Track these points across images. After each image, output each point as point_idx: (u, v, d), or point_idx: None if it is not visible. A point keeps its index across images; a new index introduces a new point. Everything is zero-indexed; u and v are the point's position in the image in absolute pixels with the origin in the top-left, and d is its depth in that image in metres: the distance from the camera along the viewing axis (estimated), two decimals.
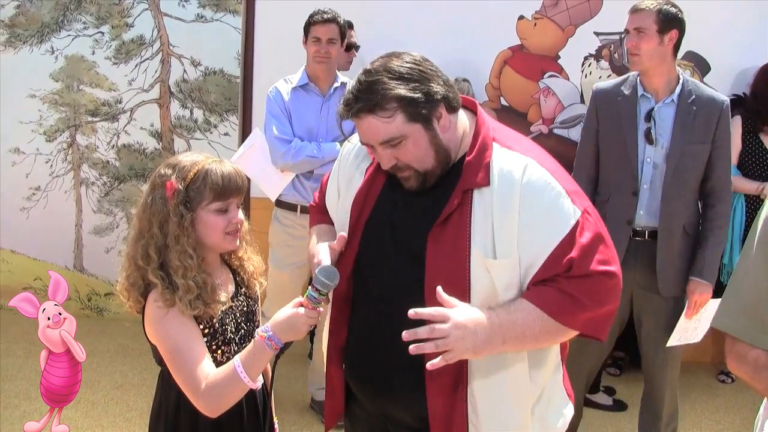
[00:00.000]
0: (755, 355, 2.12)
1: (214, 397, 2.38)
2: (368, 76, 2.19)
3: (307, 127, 4.76)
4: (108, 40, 6.14)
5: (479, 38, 5.73)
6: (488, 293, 2.23)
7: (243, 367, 2.36)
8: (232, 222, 2.50)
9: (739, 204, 5.57)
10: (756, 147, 5.51)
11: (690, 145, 3.92)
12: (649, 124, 3.97)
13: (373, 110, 2.19)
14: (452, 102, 2.26)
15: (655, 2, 3.96)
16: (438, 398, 2.34)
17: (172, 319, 2.42)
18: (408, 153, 2.24)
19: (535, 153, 2.33)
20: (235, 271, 2.69)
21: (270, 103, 4.76)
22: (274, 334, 2.35)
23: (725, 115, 3.97)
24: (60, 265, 6.42)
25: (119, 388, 5.29)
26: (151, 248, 2.43)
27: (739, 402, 5.46)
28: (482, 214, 2.22)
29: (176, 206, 2.41)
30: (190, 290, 2.40)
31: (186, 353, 2.41)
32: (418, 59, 2.23)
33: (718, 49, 5.76)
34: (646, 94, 4.01)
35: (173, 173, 2.46)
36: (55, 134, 6.30)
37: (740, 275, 2.17)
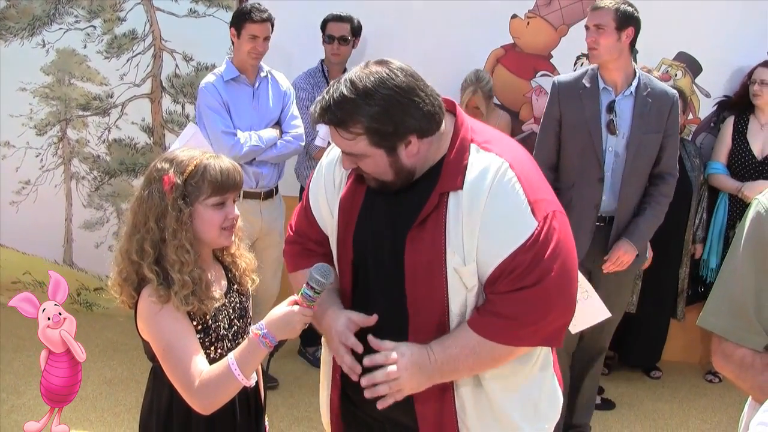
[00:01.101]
0: (741, 354, 2.14)
1: (207, 394, 2.38)
2: (350, 90, 2.16)
3: (243, 117, 4.97)
4: (100, 34, 6.11)
5: (472, 36, 5.73)
6: (464, 295, 2.27)
7: (237, 364, 2.36)
8: (229, 217, 2.51)
9: (722, 203, 5.63)
10: (742, 148, 5.55)
11: (647, 134, 4.27)
12: (611, 116, 4.27)
13: (338, 127, 2.20)
14: (426, 131, 2.24)
15: (613, 1, 4.25)
16: (427, 404, 2.35)
17: (166, 316, 2.41)
18: (367, 167, 2.27)
19: (513, 154, 2.31)
20: (227, 267, 2.68)
21: (207, 97, 4.90)
22: (269, 331, 2.35)
23: (676, 106, 4.34)
24: (49, 259, 6.41)
25: (108, 383, 5.28)
26: (147, 243, 2.43)
27: (726, 401, 5.48)
28: (455, 216, 2.24)
29: (174, 200, 2.41)
30: (186, 285, 2.40)
31: (179, 350, 2.41)
32: (402, 86, 2.18)
33: (710, 50, 5.77)
34: (606, 87, 4.31)
35: (171, 167, 2.45)
36: (46, 128, 6.28)
37: (727, 275, 2.19)
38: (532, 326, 2.26)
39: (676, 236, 5.58)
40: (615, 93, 4.30)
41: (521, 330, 2.26)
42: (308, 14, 5.68)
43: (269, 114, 5.06)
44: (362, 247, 2.41)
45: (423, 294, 2.27)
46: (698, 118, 5.89)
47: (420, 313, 2.28)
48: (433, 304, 2.27)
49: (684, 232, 5.60)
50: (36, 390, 5.16)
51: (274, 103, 5.10)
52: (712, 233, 5.69)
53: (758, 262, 2.08)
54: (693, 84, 5.82)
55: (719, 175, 5.63)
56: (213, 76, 4.97)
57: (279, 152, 5.00)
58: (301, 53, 5.81)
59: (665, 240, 5.40)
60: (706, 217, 5.70)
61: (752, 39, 5.67)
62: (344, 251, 2.45)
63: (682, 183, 5.48)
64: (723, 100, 5.83)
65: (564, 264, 2.26)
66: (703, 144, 5.90)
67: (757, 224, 2.10)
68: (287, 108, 5.14)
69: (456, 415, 2.37)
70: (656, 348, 5.89)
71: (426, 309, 2.28)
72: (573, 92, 4.34)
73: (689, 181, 5.52)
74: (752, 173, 5.50)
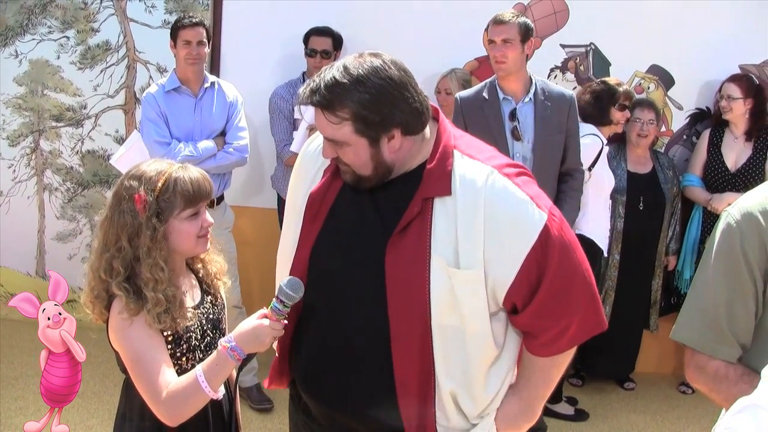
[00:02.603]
0: (715, 367, 2.14)
1: (174, 406, 2.37)
2: (342, 75, 2.16)
3: (183, 127, 5.02)
4: (73, 44, 6.08)
5: (446, 49, 5.74)
6: (448, 302, 2.22)
7: (205, 376, 2.35)
8: (204, 226, 2.50)
9: (696, 215, 5.69)
10: (716, 161, 5.61)
11: (551, 136, 4.46)
12: (515, 123, 4.45)
13: (325, 110, 2.18)
14: (411, 129, 2.23)
15: (513, 15, 4.43)
16: (410, 408, 2.33)
17: (136, 329, 2.40)
18: (347, 157, 2.24)
19: (497, 161, 2.31)
20: (198, 275, 2.67)
21: (146, 107, 5.00)
22: (237, 344, 2.34)
23: (573, 107, 4.57)
24: (22, 271, 6.36)
25: (80, 395, 5.17)
26: (117, 261, 2.41)
27: (699, 413, 5.51)
28: (445, 223, 2.21)
29: (148, 219, 2.39)
30: (159, 304, 2.38)
31: (148, 362, 2.39)
32: (395, 78, 2.17)
33: (682, 63, 5.83)
34: (506, 97, 4.48)
35: (140, 185, 2.42)
36: (19, 139, 6.23)
37: (698, 287, 2.20)
38: (584, 315, 2.30)
39: (649, 248, 5.63)
40: (515, 101, 4.47)
41: (578, 324, 2.31)
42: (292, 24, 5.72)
43: (212, 124, 5.09)
44: (328, 247, 2.38)
45: (404, 300, 2.23)
46: (671, 131, 5.94)
47: (401, 320, 2.25)
48: (414, 310, 2.23)
49: (657, 243, 5.64)
50: (35, 391, 5.13)
51: (217, 113, 5.12)
52: (686, 245, 5.74)
53: (729, 274, 2.09)
54: (666, 97, 5.87)
55: (693, 187, 5.68)
56: (155, 86, 5.07)
57: (218, 163, 5.02)
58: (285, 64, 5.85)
59: (638, 251, 5.46)
60: (679, 230, 5.75)
61: (724, 52, 5.73)
62: (304, 247, 2.42)
63: (656, 195, 5.54)
64: (695, 112, 5.89)
65: (578, 243, 2.31)
66: (676, 156, 5.94)
67: (727, 236, 2.11)
68: (233, 119, 5.17)
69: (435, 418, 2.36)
70: (629, 360, 5.92)
71: (407, 316, 2.24)
72: (474, 105, 4.48)
73: (662, 192, 5.56)
74: (725, 185, 5.56)
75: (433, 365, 2.27)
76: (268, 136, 5.60)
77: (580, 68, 5.87)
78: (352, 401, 2.35)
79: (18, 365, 5.60)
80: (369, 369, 2.31)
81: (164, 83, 5.05)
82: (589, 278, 2.31)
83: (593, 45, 5.84)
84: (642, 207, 5.51)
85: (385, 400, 2.30)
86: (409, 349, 2.25)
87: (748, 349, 2.14)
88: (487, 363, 2.33)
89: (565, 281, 2.24)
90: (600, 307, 2.35)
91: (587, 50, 5.84)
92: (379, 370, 2.28)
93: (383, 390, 2.30)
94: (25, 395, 5.18)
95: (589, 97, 5.14)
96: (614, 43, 5.83)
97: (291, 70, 5.69)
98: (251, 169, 5.83)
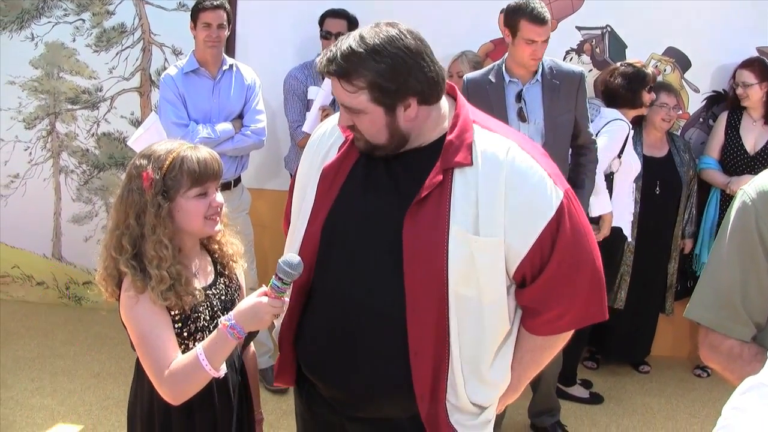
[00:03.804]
0: (729, 345, 2.14)
1: (175, 384, 2.39)
2: (358, 44, 2.17)
3: (201, 110, 5.03)
4: (89, 27, 6.09)
5: (461, 31, 5.73)
6: (466, 271, 2.23)
7: (205, 354, 2.37)
8: (212, 206, 2.51)
9: (714, 198, 5.66)
10: (735, 143, 5.57)
11: (560, 116, 4.42)
12: (521, 104, 4.40)
13: (342, 79, 2.19)
14: (427, 97, 2.24)
15: (546, 11, 4.33)
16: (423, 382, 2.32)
17: (143, 307, 2.42)
18: (363, 125, 2.25)
19: (516, 136, 2.34)
20: (214, 256, 2.68)
21: (164, 89, 5.01)
22: (237, 323, 2.35)
23: (583, 84, 4.50)
24: (38, 253, 6.39)
25: (96, 376, 5.27)
26: (125, 239, 2.43)
27: (714, 396, 5.50)
28: (464, 192, 2.22)
29: (153, 196, 2.42)
30: (164, 281, 2.40)
31: (152, 340, 2.42)
32: (411, 47, 2.18)
33: (699, 45, 5.79)
34: (513, 79, 4.43)
35: (149, 163, 2.45)
36: (35, 122, 6.25)
37: (713, 266, 2.20)
38: (586, 299, 2.34)
39: (666, 231, 5.61)
40: (522, 83, 4.43)
41: (580, 308, 2.35)
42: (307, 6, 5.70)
43: (230, 106, 5.11)
44: (341, 219, 2.37)
45: (421, 270, 2.24)
46: (687, 113, 5.91)
47: (418, 291, 2.25)
48: (431, 280, 2.24)
49: (673, 227, 5.62)
50: (51, 371, 5.19)
51: (235, 96, 5.13)
52: (704, 228, 5.71)
53: (744, 253, 2.09)
54: (682, 79, 5.84)
55: (711, 170, 5.65)
56: (174, 68, 5.08)
57: (235, 145, 5.04)
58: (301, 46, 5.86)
59: (654, 235, 5.45)
60: (695, 213, 5.73)
61: (741, 35, 5.69)
62: (316, 220, 2.41)
63: (672, 179, 5.51)
64: (712, 95, 5.85)
65: (590, 228, 2.36)
66: (692, 139, 5.92)
67: (742, 214, 2.10)
68: (250, 101, 5.18)
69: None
70: (644, 344, 5.91)
71: (424, 286, 2.24)
72: (481, 88, 4.45)
73: (678, 176, 5.53)
74: (744, 168, 5.52)
75: (448, 337, 2.27)
76: (284, 119, 5.59)
77: (596, 51, 5.84)
78: (363, 377, 2.35)
79: (34, 347, 5.64)
80: (382, 343, 2.31)
81: (183, 65, 5.05)
82: (597, 265, 2.34)
83: (609, 27, 5.80)
84: (658, 191, 5.47)
85: (398, 374, 2.30)
86: (425, 320, 2.26)
87: (762, 328, 2.13)
88: (498, 338, 2.34)
89: (574, 259, 2.27)
90: (604, 297, 2.38)
91: (603, 32, 5.81)
92: (393, 343, 2.29)
93: (397, 364, 2.30)
94: (41, 376, 5.22)
95: (621, 80, 5.08)
96: (630, 26, 5.79)
97: (307, 53, 5.68)
98: (268, 152, 5.83)
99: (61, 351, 5.60)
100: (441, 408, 2.34)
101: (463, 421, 2.37)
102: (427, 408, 2.33)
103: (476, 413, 2.39)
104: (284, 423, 4.81)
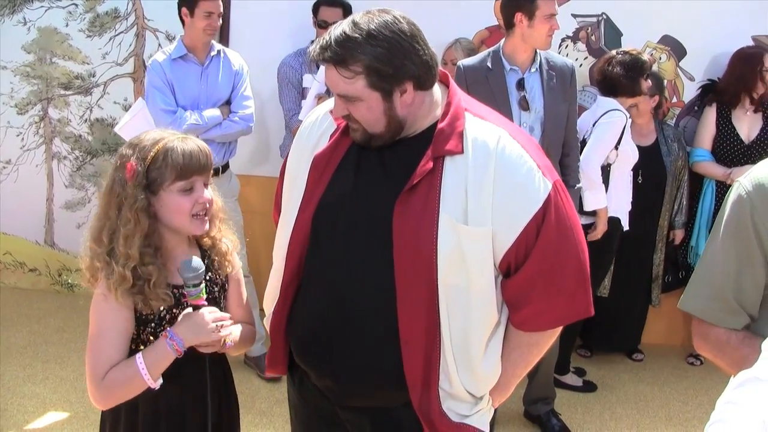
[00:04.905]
0: (716, 334, 2.17)
1: (110, 389, 2.35)
2: (352, 29, 2.16)
3: (188, 96, 5.02)
4: (82, 12, 6.05)
5: (457, 18, 5.71)
6: (455, 259, 2.22)
7: (145, 363, 2.34)
8: (199, 202, 2.43)
9: (709, 189, 5.64)
10: (729, 133, 5.56)
11: (557, 106, 4.44)
12: (524, 92, 4.39)
13: (338, 65, 2.17)
14: (423, 81, 2.23)
15: None
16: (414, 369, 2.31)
17: (109, 305, 2.36)
18: (360, 113, 2.23)
19: (507, 126, 2.33)
20: (206, 252, 2.60)
21: (152, 75, 4.98)
22: (176, 333, 2.34)
23: (574, 76, 4.55)
24: (30, 239, 6.37)
25: (76, 370, 5.25)
26: (104, 232, 2.37)
27: (707, 384, 5.52)
28: (454, 180, 2.21)
29: (134, 189, 2.34)
30: (125, 281, 2.32)
31: (102, 342, 2.37)
32: (406, 31, 2.18)
33: (694, 33, 5.77)
34: (513, 67, 4.41)
35: (134, 153, 2.38)
36: (27, 107, 6.22)
37: (707, 258, 2.21)
38: (571, 294, 2.33)
39: (649, 221, 5.56)
40: (522, 72, 4.41)
41: (564, 304, 2.34)
42: None
43: (218, 92, 5.09)
44: (332, 207, 2.35)
45: (411, 258, 2.23)
46: (682, 102, 5.90)
47: (408, 278, 2.24)
48: (420, 269, 2.23)
49: (658, 217, 5.60)
50: (43, 359, 5.17)
51: (223, 81, 5.11)
52: (700, 220, 5.69)
53: (738, 246, 2.09)
54: (677, 67, 5.83)
55: (705, 162, 5.63)
56: (162, 54, 5.04)
57: (223, 132, 5.03)
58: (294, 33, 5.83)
59: (638, 226, 5.35)
60: (686, 203, 5.70)
61: (737, 23, 5.67)
62: (307, 208, 2.39)
63: (656, 169, 5.48)
64: (707, 83, 5.83)
65: (579, 223, 2.34)
66: (687, 127, 5.91)
67: (738, 207, 2.09)
68: (238, 87, 5.16)
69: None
70: (632, 334, 5.90)
71: (414, 274, 2.24)
72: (479, 74, 4.43)
73: (663, 166, 5.50)
74: (741, 158, 5.51)
75: (439, 325, 2.26)
76: (275, 106, 5.59)
77: (591, 38, 5.83)
78: (353, 365, 2.34)
79: (26, 334, 5.63)
80: (374, 330, 2.30)
81: (171, 51, 5.02)
82: (583, 260, 2.32)
83: (605, 15, 5.79)
84: (641, 180, 5.42)
85: (388, 362, 2.30)
86: (415, 308, 2.25)
87: (756, 320, 2.14)
88: (486, 328, 2.33)
89: (558, 253, 2.26)
90: (589, 294, 2.36)
91: (599, 20, 5.80)
92: (384, 330, 2.28)
93: (387, 352, 2.29)
94: (33, 363, 5.21)
95: (620, 69, 5.03)
96: (626, 13, 5.78)
97: (299, 39, 5.65)
98: (258, 138, 5.83)
99: (53, 338, 5.59)
100: (433, 395, 2.33)
101: (456, 408, 2.37)
102: (419, 396, 2.32)
103: (470, 401, 2.38)
104: (277, 411, 4.81)
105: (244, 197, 5.51)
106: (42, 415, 4.63)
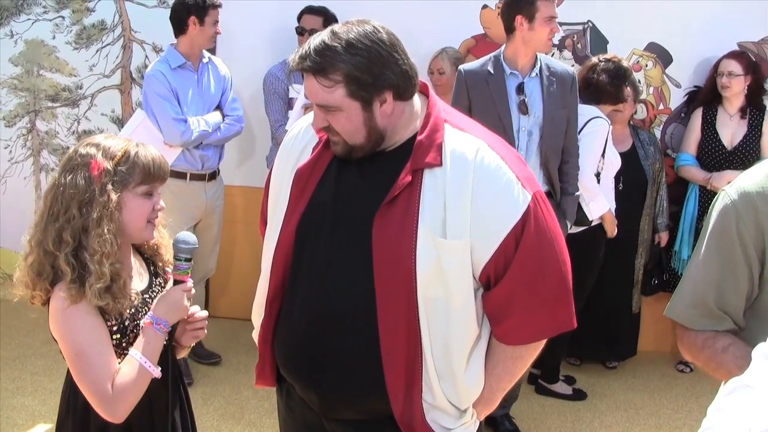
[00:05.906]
0: (693, 337, 2.19)
1: (123, 399, 2.31)
2: (331, 39, 2.16)
3: (190, 104, 5.11)
4: (69, 24, 6.06)
5: (442, 27, 5.72)
6: (434, 273, 2.22)
7: (147, 358, 2.35)
8: (156, 208, 2.43)
9: (692, 194, 5.65)
10: (712, 139, 5.58)
11: (557, 111, 4.47)
12: (523, 96, 4.43)
13: (317, 74, 2.17)
14: (402, 91, 2.23)
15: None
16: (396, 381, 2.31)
17: (79, 317, 2.30)
18: (339, 123, 2.23)
19: (487, 137, 2.32)
20: (148, 260, 2.58)
21: (156, 85, 5.00)
22: (159, 317, 2.36)
23: (575, 83, 4.61)
24: (18, 252, 6.32)
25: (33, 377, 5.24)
26: (66, 232, 2.29)
27: (697, 391, 5.52)
28: (433, 193, 2.21)
29: (103, 186, 2.30)
30: (103, 278, 2.27)
31: (93, 358, 2.30)
32: (385, 40, 2.18)
33: (680, 40, 5.79)
34: (513, 71, 4.45)
35: (98, 152, 2.34)
36: (15, 119, 6.22)
37: (692, 266, 2.23)
38: (552, 307, 2.31)
39: (630, 227, 5.50)
40: (522, 76, 4.45)
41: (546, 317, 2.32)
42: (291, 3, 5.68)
43: (211, 99, 5.21)
44: (315, 220, 2.35)
45: (390, 271, 2.23)
46: (669, 109, 5.92)
47: (388, 291, 2.24)
48: (400, 282, 2.23)
49: (639, 223, 5.59)
50: (33, 371, 5.15)
51: (215, 88, 5.24)
52: (683, 224, 5.70)
53: (723, 254, 2.10)
54: (663, 74, 5.85)
55: (689, 166, 5.65)
56: (161, 63, 5.07)
57: (223, 135, 5.20)
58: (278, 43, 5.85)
59: (619, 232, 5.30)
60: (666, 205, 5.69)
61: (723, 30, 5.69)
62: (290, 222, 2.39)
63: (636, 174, 5.47)
64: (693, 90, 5.85)
65: (561, 235, 2.32)
66: (674, 134, 5.92)
67: (723, 216, 2.10)
68: (228, 92, 5.30)
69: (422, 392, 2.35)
70: (624, 343, 5.82)
71: (394, 287, 2.24)
72: (479, 79, 4.46)
73: (642, 170, 5.50)
74: (723, 163, 5.52)
75: (420, 338, 2.26)
76: (259, 115, 5.64)
77: (577, 46, 5.85)
78: (335, 378, 2.34)
79: (16, 346, 5.61)
80: (355, 342, 2.29)
81: (169, 60, 5.05)
82: (564, 273, 2.31)
83: (590, 23, 5.81)
84: (622, 187, 5.41)
85: (370, 372, 2.29)
86: (396, 321, 2.25)
87: (742, 329, 2.15)
88: (467, 342, 2.32)
89: (537, 264, 2.25)
90: (571, 306, 2.35)
91: (584, 28, 5.81)
92: (366, 342, 2.27)
93: (369, 362, 2.28)
94: (23, 376, 5.19)
95: (605, 77, 5.04)
96: (612, 21, 5.80)
97: (286, 49, 5.64)
98: (241, 147, 5.87)
99: (42, 350, 5.56)
100: (416, 407, 2.33)
101: (440, 420, 2.37)
102: (401, 407, 2.32)
103: (454, 414, 2.38)
104: (266, 422, 4.79)
105: (227, 206, 5.57)
106: (31, 428, 4.61)
